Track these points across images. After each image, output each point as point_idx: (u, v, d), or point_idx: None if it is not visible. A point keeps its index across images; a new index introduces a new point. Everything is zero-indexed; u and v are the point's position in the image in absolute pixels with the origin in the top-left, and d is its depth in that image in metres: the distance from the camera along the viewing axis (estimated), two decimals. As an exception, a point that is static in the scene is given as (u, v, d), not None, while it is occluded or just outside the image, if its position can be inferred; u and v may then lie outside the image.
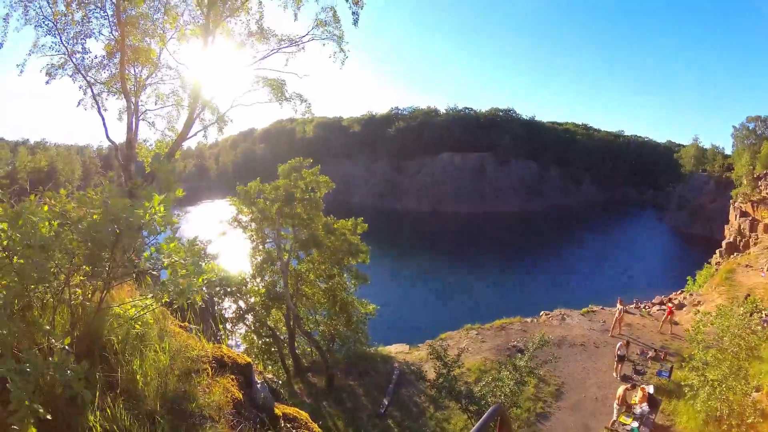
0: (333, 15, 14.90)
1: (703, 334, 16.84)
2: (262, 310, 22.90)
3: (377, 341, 28.66)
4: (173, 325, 5.31)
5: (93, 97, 15.53)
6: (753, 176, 77.31)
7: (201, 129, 16.43)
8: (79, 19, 14.46)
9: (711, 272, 50.85)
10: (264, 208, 22.81)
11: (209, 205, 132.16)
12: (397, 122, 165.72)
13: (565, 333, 28.54)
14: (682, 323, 31.37)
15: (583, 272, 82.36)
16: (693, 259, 66.51)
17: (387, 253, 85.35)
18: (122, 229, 3.85)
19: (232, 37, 15.31)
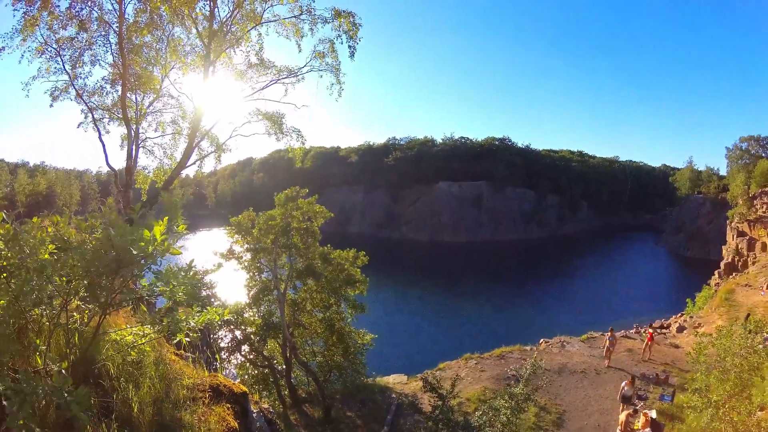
0: (330, 46, 15.20)
1: (705, 355, 16.73)
2: (258, 340, 22.66)
3: (375, 372, 28.33)
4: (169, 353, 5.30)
5: (93, 123, 15.71)
6: (748, 196, 77.91)
7: (199, 158, 16.57)
8: (82, 45, 14.74)
9: (710, 294, 50.79)
10: (259, 238, 22.76)
11: (207, 234, 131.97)
12: (395, 152, 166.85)
13: (565, 360, 28.31)
14: (683, 346, 31.22)
15: (582, 299, 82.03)
16: (692, 282, 66.46)
17: (385, 282, 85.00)
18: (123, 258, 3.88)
19: (232, 67, 15.59)
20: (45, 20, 13.86)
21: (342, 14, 14.39)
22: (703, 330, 32.87)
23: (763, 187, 78.74)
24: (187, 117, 16.35)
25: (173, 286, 4.22)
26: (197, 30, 14.72)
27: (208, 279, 19.13)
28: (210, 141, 16.58)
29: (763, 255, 57.23)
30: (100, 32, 14.78)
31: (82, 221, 4.17)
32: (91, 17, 14.47)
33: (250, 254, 23.46)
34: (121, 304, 4.53)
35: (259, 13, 14.73)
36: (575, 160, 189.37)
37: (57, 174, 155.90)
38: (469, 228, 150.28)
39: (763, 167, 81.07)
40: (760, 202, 74.17)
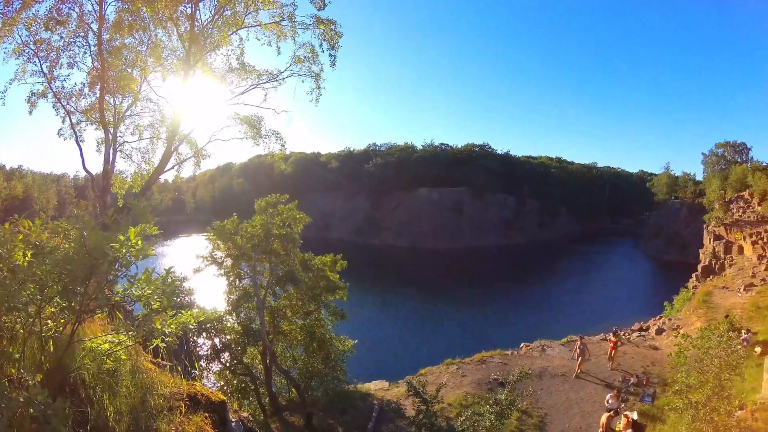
0: (311, 51, 15.14)
1: (685, 357, 16.95)
2: (237, 348, 22.42)
3: (357, 378, 28.18)
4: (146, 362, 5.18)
5: (71, 127, 15.43)
6: (725, 200, 79.70)
7: (178, 163, 16.37)
8: (60, 47, 14.49)
9: (688, 296, 51.61)
10: (240, 244, 22.58)
11: (186, 240, 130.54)
12: (375, 158, 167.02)
13: (545, 364, 28.49)
14: (663, 348, 31.68)
15: (562, 303, 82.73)
16: (670, 285, 67.37)
17: (366, 288, 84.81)
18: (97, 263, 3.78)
19: (212, 71, 15.44)
20: (24, 21, 13.59)
21: (323, 22, 14.37)
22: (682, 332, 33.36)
23: (739, 191, 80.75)
24: (165, 121, 16.15)
25: (148, 293, 4.12)
26: (178, 33, 14.56)
27: (187, 285, 18.89)
28: (189, 145, 16.40)
29: (739, 258, 58.40)
30: (79, 33, 14.53)
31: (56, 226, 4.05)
32: (71, 17, 14.23)
33: (231, 260, 23.27)
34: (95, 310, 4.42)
35: (240, 17, 14.63)
36: (554, 166, 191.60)
37: (34, 178, 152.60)
38: (449, 234, 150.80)
39: (738, 173, 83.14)
40: (736, 206, 75.94)
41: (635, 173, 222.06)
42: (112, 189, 15.65)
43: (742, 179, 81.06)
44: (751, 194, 75.53)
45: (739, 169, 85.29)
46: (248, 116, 16.15)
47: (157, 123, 16.65)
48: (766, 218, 55.89)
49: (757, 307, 34.80)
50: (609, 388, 25.25)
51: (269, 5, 14.32)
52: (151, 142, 16.88)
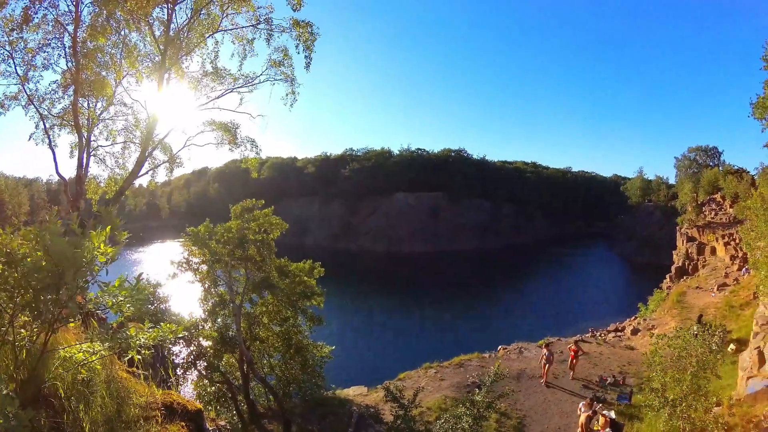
0: (284, 54, 15.06)
1: (660, 356, 17.25)
2: (214, 355, 22.12)
3: (335, 384, 28.01)
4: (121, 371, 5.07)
5: (45, 131, 15.08)
6: (697, 203, 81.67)
7: (152, 168, 16.13)
8: (35, 47, 14.17)
9: (662, 296, 52.57)
10: (216, 249, 22.28)
11: (160, 246, 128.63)
12: (352, 163, 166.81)
13: (523, 366, 28.69)
14: (638, 347, 32.22)
15: (538, 305, 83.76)
16: (644, 286, 68.56)
17: (343, 294, 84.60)
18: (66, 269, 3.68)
19: (187, 75, 15.26)
20: None
21: (300, 24, 14.31)
22: (657, 332, 34.04)
23: (711, 194, 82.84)
24: (140, 125, 15.91)
25: (120, 300, 4.04)
26: (153, 36, 14.36)
27: (161, 292, 18.56)
28: (163, 150, 16.16)
29: (712, 258, 59.76)
30: (54, 34, 14.24)
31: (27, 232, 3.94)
32: (47, 18, 13.93)
33: (206, 266, 22.94)
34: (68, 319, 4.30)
35: (216, 20, 14.50)
36: (529, 170, 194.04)
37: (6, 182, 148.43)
38: (426, 238, 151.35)
39: (710, 176, 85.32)
40: (708, 208, 77.78)
41: (609, 177, 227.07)
42: (86, 194, 15.33)
43: (713, 182, 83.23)
44: (722, 197, 77.48)
45: (710, 172, 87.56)
46: (224, 122, 16.01)
47: (131, 127, 16.38)
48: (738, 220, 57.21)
49: (731, 306, 35.65)
50: (587, 388, 25.64)
51: (246, 8, 14.22)
52: (125, 146, 16.60)
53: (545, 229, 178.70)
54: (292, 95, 16.03)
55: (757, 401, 16.31)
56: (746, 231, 19.77)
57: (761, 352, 18.37)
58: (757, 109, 15.94)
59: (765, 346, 18.47)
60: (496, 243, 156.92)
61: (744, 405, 16.64)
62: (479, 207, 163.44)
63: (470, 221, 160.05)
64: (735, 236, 54.24)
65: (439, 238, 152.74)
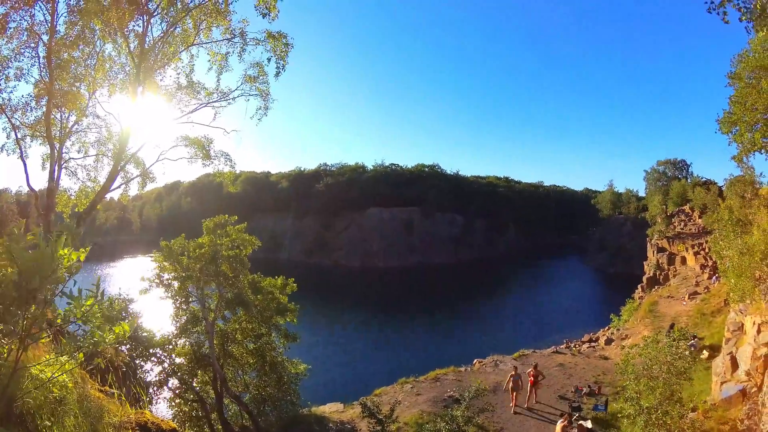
0: (260, 70, 15.03)
1: (633, 365, 17.48)
2: (187, 373, 21.66)
3: (311, 401, 27.65)
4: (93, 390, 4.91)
5: (16, 141, 14.69)
6: (666, 214, 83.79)
7: (124, 182, 15.84)
8: (8, 55, 13.82)
9: (635, 306, 53.46)
10: (188, 265, 21.91)
11: (131, 261, 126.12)
12: (326, 178, 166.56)
13: (499, 379, 28.72)
14: (612, 357, 32.58)
15: (513, 318, 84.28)
16: (617, 296, 69.58)
17: (318, 309, 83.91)
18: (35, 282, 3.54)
19: (161, 89, 15.08)
20: None
21: (274, 36, 14.29)
22: (630, 341, 34.58)
23: (680, 206, 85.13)
24: (112, 138, 15.63)
25: (86, 308, 3.90)
26: (128, 48, 14.17)
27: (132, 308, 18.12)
28: (135, 165, 15.90)
29: (683, 268, 61.07)
30: (29, 43, 13.93)
31: None
32: (21, 26, 13.63)
33: (178, 282, 22.51)
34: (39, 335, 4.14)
35: (191, 34, 14.38)
36: (502, 185, 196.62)
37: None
38: (400, 253, 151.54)
39: (678, 188, 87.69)
40: (678, 219, 79.88)
41: (580, 191, 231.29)
42: (57, 207, 14.95)
43: (682, 194, 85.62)
44: (691, 208, 79.67)
45: (679, 184, 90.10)
46: (197, 137, 15.84)
47: (104, 140, 16.09)
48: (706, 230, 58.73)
49: (702, 313, 36.40)
50: (562, 399, 25.80)
51: (221, 22, 14.15)
52: (97, 159, 16.28)
53: (518, 241, 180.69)
54: (263, 110, 15.96)
55: (732, 405, 16.74)
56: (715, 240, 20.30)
57: (734, 357, 18.84)
58: (723, 125, 16.49)
59: (737, 351, 18.91)
60: (469, 256, 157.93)
61: (719, 409, 17.05)
62: (452, 221, 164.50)
63: (444, 235, 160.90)
64: (704, 246, 55.61)
65: (413, 252, 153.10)
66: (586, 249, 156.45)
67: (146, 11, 13.91)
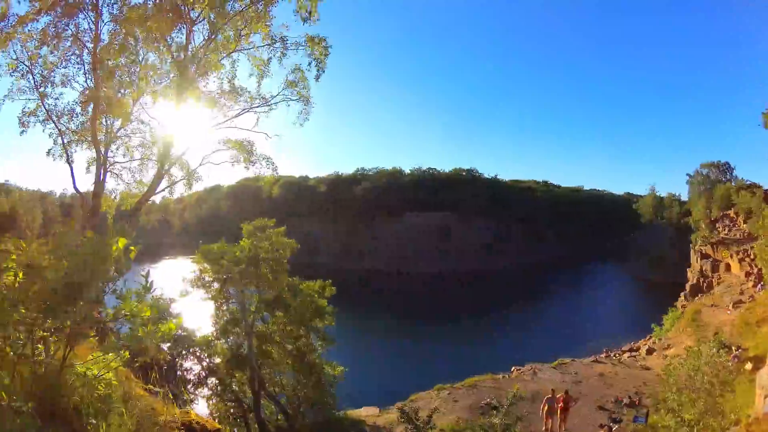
0: (300, 75, 15.21)
1: (675, 376, 16.95)
2: (225, 373, 22.04)
3: (346, 404, 27.75)
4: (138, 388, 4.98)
5: (63, 146, 15.22)
6: (710, 219, 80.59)
7: (169, 185, 16.22)
8: (55, 62, 14.34)
9: (677, 315, 51.72)
10: (228, 268, 22.36)
11: (172, 263, 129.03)
12: (363, 182, 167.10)
13: (538, 387, 28.26)
14: (653, 367, 31.70)
15: (551, 325, 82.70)
16: (659, 305, 67.47)
17: (353, 313, 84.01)
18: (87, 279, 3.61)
19: (204, 95, 15.42)
20: (19, 36, 13.44)
21: (314, 40, 14.43)
22: (672, 351, 33.59)
23: (724, 210, 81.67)
24: (157, 142, 16.05)
25: (136, 305, 3.96)
26: (172, 56, 14.53)
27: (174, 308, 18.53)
28: (180, 167, 16.29)
29: (727, 275, 58.80)
30: (74, 51, 14.43)
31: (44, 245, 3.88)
32: (66, 35, 14.12)
33: (218, 284, 22.98)
34: (86, 334, 4.23)
35: (233, 41, 14.65)
36: (540, 189, 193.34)
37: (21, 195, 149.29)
38: (436, 258, 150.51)
39: (722, 191, 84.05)
40: (722, 225, 76.82)
41: (621, 195, 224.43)
42: (102, 209, 15.42)
43: (726, 198, 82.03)
44: (736, 212, 76.41)
45: (723, 188, 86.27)
46: (239, 141, 16.09)
47: (148, 143, 16.52)
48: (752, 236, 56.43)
49: (747, 323, 34.94)
50: (602, 410, 25.23)
51: (261, 28, 14.36)
52: (141, 162, 16.73)
53: (556, 248, 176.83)
54: (304, 114, 16.11)
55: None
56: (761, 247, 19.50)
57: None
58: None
59: (783, 362, 18.11)
60: (506, 263, 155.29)
61: (762, 423, 16.30)
62: (489, 226, 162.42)
63: (480, 241, 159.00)
64: (750, 252, 53.45)
65: (449, 257, 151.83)
66: (627, 255, 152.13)
67: (189, 20, 14.24)
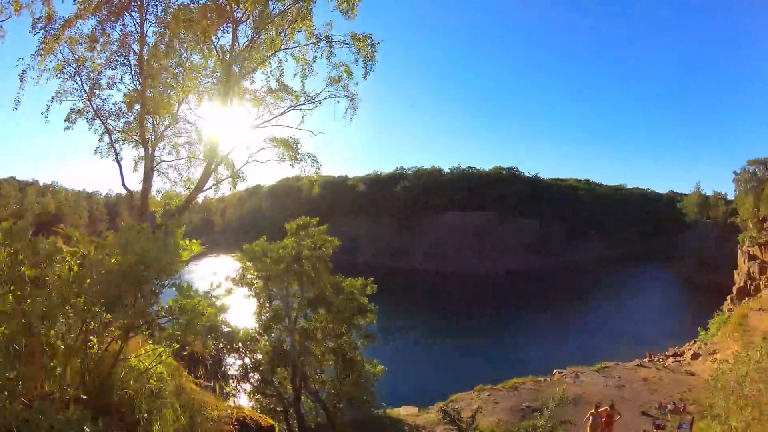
0: (346, 70, 15.15)
1: (723, 382, 16.28)
2: (267, 368, 22.33)
3: (385, 403, 27.74)
4: (188, 382, 4.98)
5: (111, 144, 15.61)
6: (758, 219, 76.97)
7: (215, 183, 16.46)
8: (102, 63, 14.71)
9: (723, 319, 49.82)
10: (270, 266, 22.68)
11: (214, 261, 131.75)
12: (402, 181, 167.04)
13: (580, 391, 27.66)
14: (699, 373, 30.69)
15: (593, 328, 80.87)
16: (704, 308, 65.33)
17: (392, 312, 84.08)
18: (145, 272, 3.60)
19: (250, 94, 15.58)
20: (66, 39, 13.82)
21: (359, 38, 14.35)
22: (718, 356, 32.35)
23: (774, 209, 77.95)
24: (203, 140, 16.31)
25: (197, 301, 3.94)
26: (217, 56, 14.73)
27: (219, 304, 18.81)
28: (226, 166, 16.49)
29: (775, 278, 56.40)
30: (120, 52, 14.78)
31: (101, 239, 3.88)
32: (112, 38, 14.48)
33: (261, 281, 23.33)
34: (141, 327, 4.24)
35: (277, 40, 14.72)
36: (582, 188, 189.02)
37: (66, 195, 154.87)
38: (476, 258, 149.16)
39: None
40: (771, 224, 73.39)
41: (665, 194, 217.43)
42: (149, 207, 15.74)
43: (775, 196, 78.34)
44: (786, 212, 72.88)
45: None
46: (285, 139, 16.16)
47: (195, 142, 16.80)
48: (803, 236, 53.80)
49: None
50: (645, 416, 24.54)
51: (304, 27, 14.39)
52: (188, 161, 17.02)
53: (598, 248, 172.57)
54: (351, 111, 16.01)
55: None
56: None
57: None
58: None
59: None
60: (548, 263, 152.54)
61: None
62: (530, 226, 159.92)
63: (521, 240, 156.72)
64: (801, 254, 50.99)
65: (489, 257, 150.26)
66: (671, 256, 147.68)
67: (233, 20, 14.38)
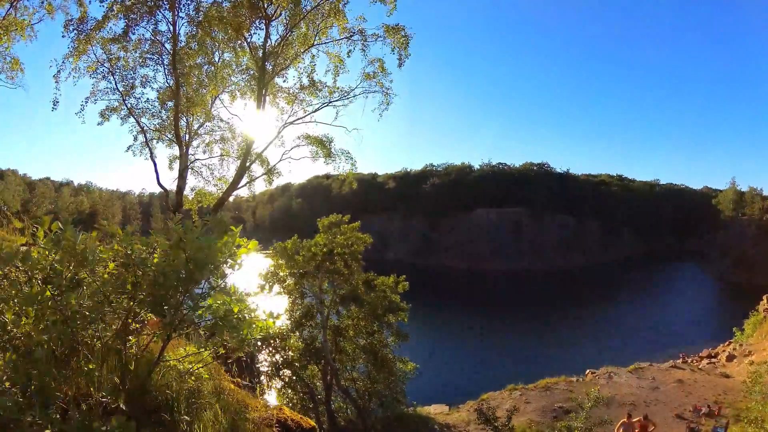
0: (380, 66, 15.00)
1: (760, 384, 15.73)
2: (299, 365, 22.42)
3: (415, 401, 27.62)
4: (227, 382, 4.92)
5: (146, 143, 15.78)
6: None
7: (250, 181, 16.54)
8: (134, 65, 14.86)
9: (759, 319, 48.20)
10: (302, 263, 22.78)
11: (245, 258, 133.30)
12: (432, 178, 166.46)
13: (613, 392, 27.10)
14: (734, 375, 29.82)
15: (626, 327, 79.27)
16: (740, 308, 63.33)
17: (423, 310, 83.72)
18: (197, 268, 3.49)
19: (283, 91, 15.60)
20: (98, 39, 14.00)
21: (391, 29, 14.14)
22: (754, 358, 31.35)
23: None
24: (236, 138, 16.43)
25: (246, 306, 3.84)
26: (251, 53, 14.76)
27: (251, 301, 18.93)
28: (260, 163, 16.56)
29: (813, 277, 54.39)
30: (153, 51, 14.92)
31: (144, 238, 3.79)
32: (144, 37, 14.60)
33: (293, 279, 23.45)
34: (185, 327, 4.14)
35: (310, 36, 14.67)
36: (615, 184, 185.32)
37: (101, 194, 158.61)
38: (507, 255, 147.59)
39: None
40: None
41: (699, 190, 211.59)
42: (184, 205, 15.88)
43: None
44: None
45: (808, 181, 79.35)
46: (319, 136, 16.11)
47: (229, 140, 16.92)
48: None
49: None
50: (680, 419, 23.95)
51: (338, 22, 14.29)
52: (221, 159, 17.14)
53: (632, 246, 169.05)
54: (385, 105, 15.81)
55: None
56: None
57: None
58: None
59: None
60: (581, 260, 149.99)
61: None
62: (562, 223, 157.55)
63: (553, 238, 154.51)
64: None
65: (521, 254, 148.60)
66: (706, 254, 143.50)
67: (265, 16, 14.35)
